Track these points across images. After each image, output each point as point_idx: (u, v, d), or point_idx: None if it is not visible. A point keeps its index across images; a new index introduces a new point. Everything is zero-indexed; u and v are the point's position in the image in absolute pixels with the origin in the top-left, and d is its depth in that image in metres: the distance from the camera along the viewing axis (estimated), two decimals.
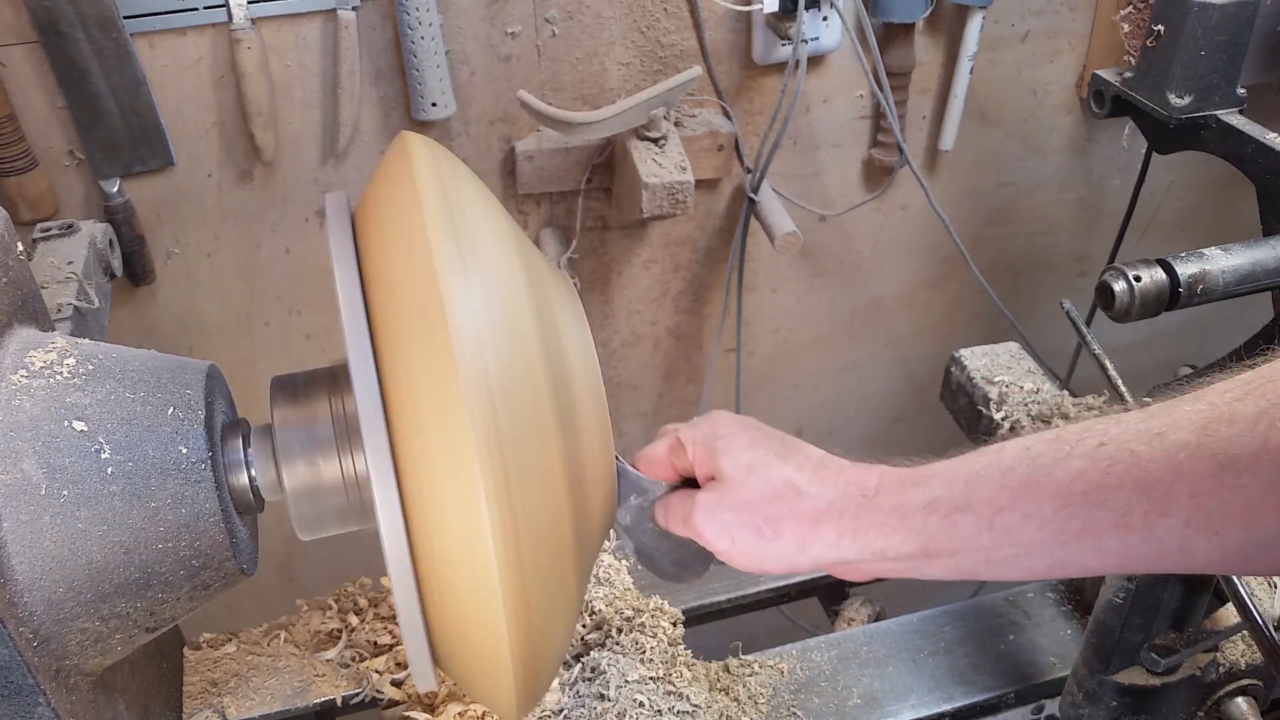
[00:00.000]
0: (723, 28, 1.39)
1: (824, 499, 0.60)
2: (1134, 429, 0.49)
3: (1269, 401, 0.45)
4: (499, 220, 0.63)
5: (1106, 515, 0.49)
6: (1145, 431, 0.49)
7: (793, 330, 1.71)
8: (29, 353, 0.63)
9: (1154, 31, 1.14)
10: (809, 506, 0.60)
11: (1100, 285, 1.00)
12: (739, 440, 0.64)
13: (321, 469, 0.64)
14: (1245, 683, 0.86)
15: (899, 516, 0.57)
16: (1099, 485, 0.49)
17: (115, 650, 0.65)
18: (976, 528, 0.54)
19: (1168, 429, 0.48)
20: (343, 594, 0.97)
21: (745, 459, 0.63)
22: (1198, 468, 0.46)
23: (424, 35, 1.23)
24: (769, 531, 0.60)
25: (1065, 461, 0.51)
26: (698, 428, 0.67)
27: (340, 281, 0.59)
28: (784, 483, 0.61)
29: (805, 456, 0.63)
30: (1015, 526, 0.52)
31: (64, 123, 1.22)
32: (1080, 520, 0.50)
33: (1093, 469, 0.50)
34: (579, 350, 0.65)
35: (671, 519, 0.68)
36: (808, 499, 0.60)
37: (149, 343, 1.21)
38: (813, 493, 0.60)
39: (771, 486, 0.61)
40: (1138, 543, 0.49)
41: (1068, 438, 0.52)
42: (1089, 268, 1.83)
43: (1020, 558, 0.53)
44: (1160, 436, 0.48)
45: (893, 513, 0.57)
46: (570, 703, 0.86)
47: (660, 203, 1.28)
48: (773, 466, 0.62)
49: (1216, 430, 0.46)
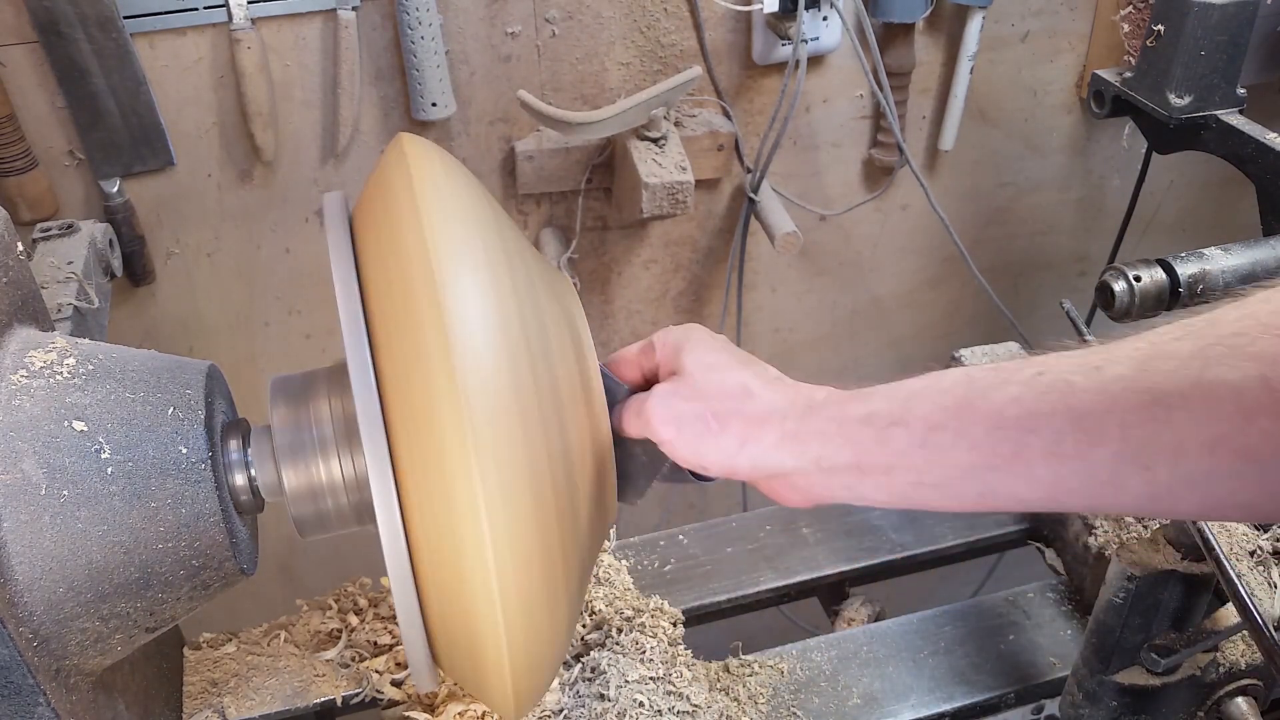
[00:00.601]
0: (723, 28, 1.39)
1: (772, 404, 0.60)
2: (1073, 361, 0.50)
3: (1205, 341, 0.45)
4: (498, 220, 0.63)
5: (1038, 441, 0.49)
6: (1084, 364, 0.49)
7: (793, 330, 1.71)
8: (29, 353, 0.63)
9: (1154, 31, 1.14)
10: (756, 408, 0.61)
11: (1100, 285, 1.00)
12: (705, 343, 0.65)
13: (321, 469, 0.64)
14: (1245, 683, 0.86)
15: (836, 424, 0.57)
16: (1033, 411, 0.50)
17: (115, 650, 0.65)
18: (909, 443, 0.54)
19: (1106, 363, 0.48)
20: (343, 594, 0.97)
21: (708, 359, 0.64)
22: (1131, 400, 0.46)
23: (424, 35, 1.23)
24: (715, 425, 0.61)
25: (1002, 387, 0.51)
26: (671, 332, 0.68)
27: (339, 282, 0.59)
28: (739, 384, 0.62)
29: (765, 369, 0.64)
30: (947, 445, 0.53)
31: (64, 123, 1.22)
32: (1012, 444, 0.50)
33: (1028, 395, 0.50)
34: (578, 351, 0.65)
35: (627, 414, 0.67)
36: (757, 401, 0.61)
37: (149, 343, 1.21)
38: (763, 397, 0.61)
39: (726, 386, 0.62)
40: (1068, 473, 0.49)
41: (1008, 367, 0.52)
42: (1089, 268, 1.83)
43: (950, 481, 0.54)
44: (1098, 370, 0.48)
45: (831, 420, 0.58)
46: (570, 703, 0.86)
47: (660, 203, 1.28)
48: (732, 369, 0.63)
49: (1152, 365, 0.46)
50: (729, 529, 1.10)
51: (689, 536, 1.09)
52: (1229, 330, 0.45)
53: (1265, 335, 0.44)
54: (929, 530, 1.09)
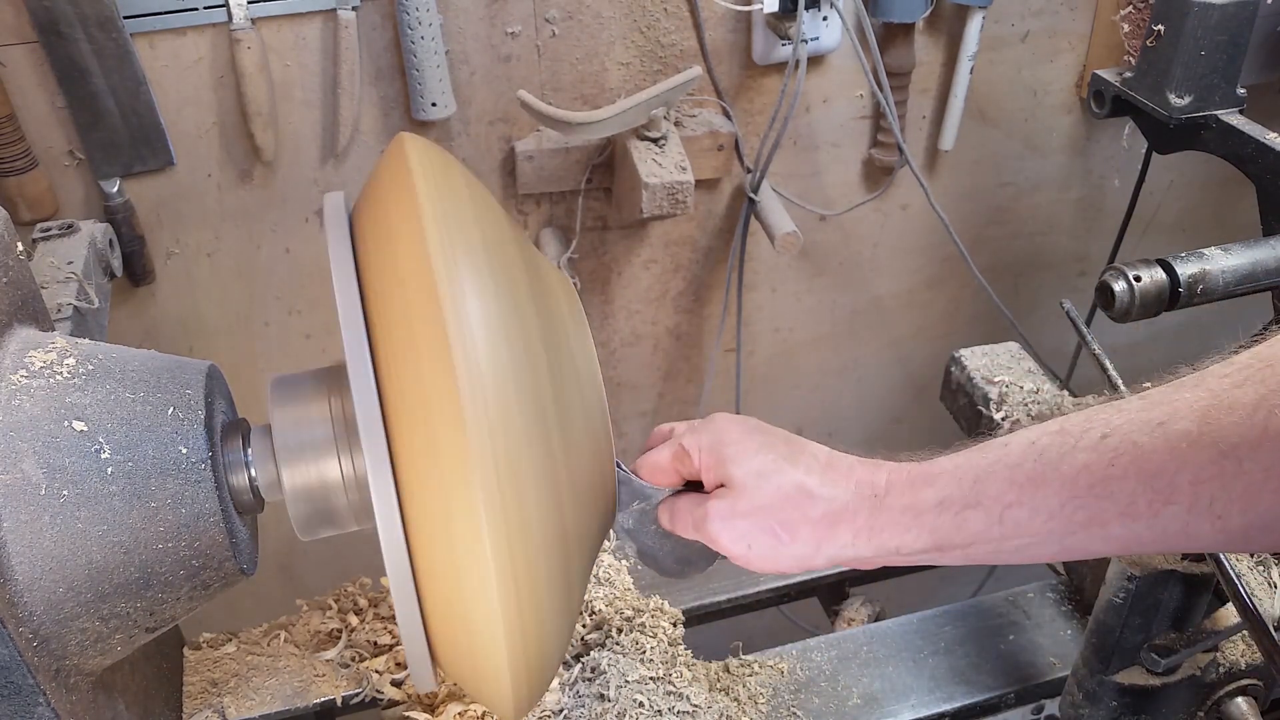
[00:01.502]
0: (723, 28, 1.39)
1: (837, 501, 0.61)
2: (1136, 419, 0.51)
3: (1268, 388, 0.46)
4: (497, 221, 0.63)
5: (1112, 505, 0.51)
6: (1147, 422, 0.50)
7: (793, 330, 1.71)
8: (29, 353, 0.63)
9: (1154, 31, 1.14)
10: (823, 510, 0.61)
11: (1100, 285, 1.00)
12: (746, 446, 0.65)
13: (321, 469, 0.64)
14: (1245, 683, 0.86)
15: (912, 516, 0.58)
16: (1104, 477, 0.51)
17: (115, 650, 0.65)
18: (987, 523, 0.56)
19: (1169, 418, 0.49)
20: (343, 594, 0.97)
21: (755, 465, 0.63)
22: (1199, 456, 0.47)
23: (424, 35, 1.23)
24: (785, 536, 0.62)
25: (1070, 455, 0.52)
26: (701, 434, 0.67)
27: (338, 282, 0.59)
28: (796, 487, 0.62)
29: (813, 457, 0.64)
30: (1024, 520, 0.54)
31: (64, 123, 1.22)
32: (1087, 511, 0.52)
33: (1097, 462, 0.51)
34: (578, 350, 0.65)
35: (680, 524, 0.68)
36: (821, 502, 0.61)
37: (149, 343, 1.21)
38: (825, 495, 0.61)
39: (783, 492, 0.62)
40: (1142, 529, 0.50)
41: (1072, 430, 0.53)
42: (1089, 268, 1.83)
43: (1029, 547, 0.55)
44: (1162, 426, 0.49)
45: (905, 512, 0.59)
46: (570, 703, 0.86)
47: (660, 203, 1.28)
48: (783, 471, 0.63)
49: (1216, 419, 0.47)
50: None
51: None
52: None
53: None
54: None
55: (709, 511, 0.65)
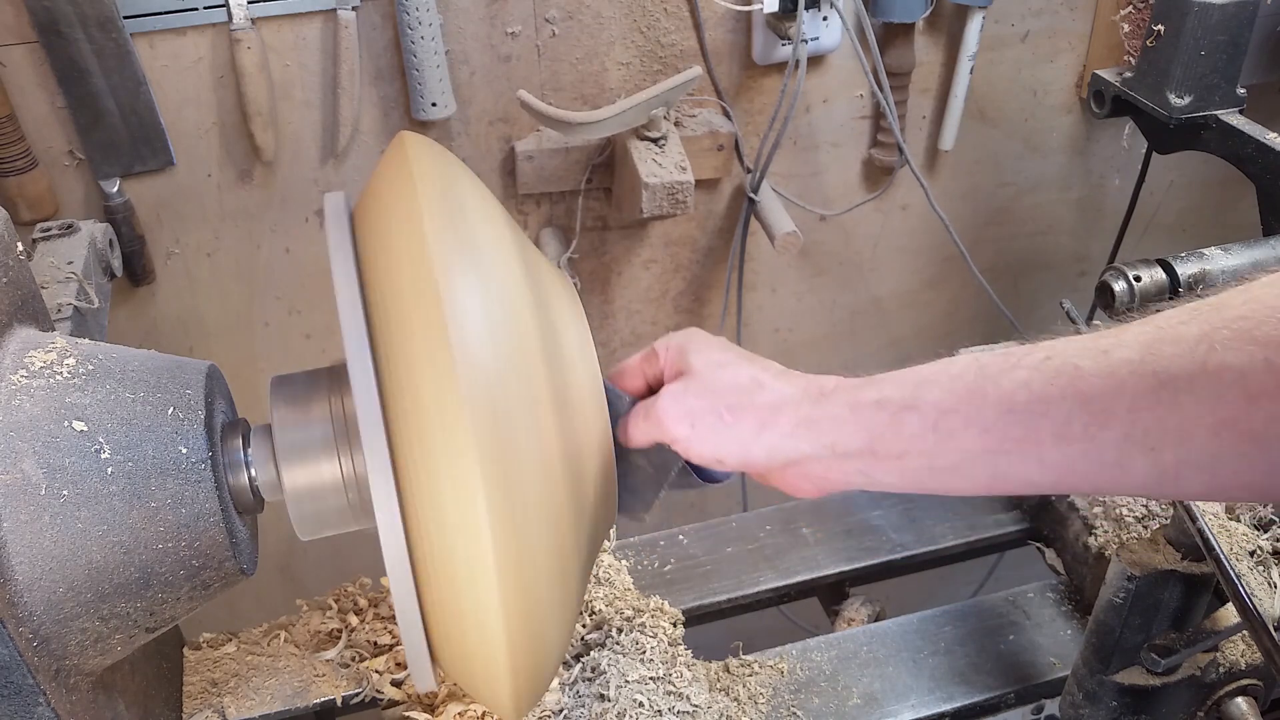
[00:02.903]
0: (723, 28, 1.39)
1: (784, 393, 0.62)
2: (1081, 345, 0.51)
3: (1211, 325, 0.46)
4: (498, 220, 0.63)
5: (1047, 424, 0.51)
6: (1091, 348, 0.50)
7: (793, 330, 1.71)
8: (29, 353, 0.63)
9: (1154, 31, 1.14)
10: (769, 398, 0.61)
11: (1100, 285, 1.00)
12: (710, 343, 0.66)
13: (321, 469, 0.64)
14: (1245, 683, 0.86)
15: (850, 410, 0.58)
16: (1042, 395, 0.51)
17: (115, 650, 0.65)
18: (921, 428, 0.55)
19: (1113, 347, 0.49)
20: (343, 594, 0.97)
21: (715, 357, 0.65)
22: (1138, 384, 0.47)
23: (424, 35, 1.23)
24: (729, 418, 0.62)
25: (1011, 372, 0.53)
26: (672, 337, 0.68)
27: (339, 282, 0.59)
28: (750, 378, 0.63)
29: (772, 364, 0.65)
30: (959, 430, 0.54)
31: (64, 123, 1.22)
32: (1022, 428, 0.51)
33: (1037, 379, 0.51)
34: (579, 350, 0.65)
35: (634, 420, 0.67)
36: (769, 391, 0.62)
37: (149, 343, 1.21)
38: (775, 387, 0.62)
39: (737, 380, 0.63)
40: (1077, 455, 0.50)
41: (1017, 351, 0.53)
42: (1089, 268, 1.83)
43: (962, 465, 0.55)
44: (1105, 353, 0.49)
45: (845, 406, 0.59)
46: (570, 703, 0.86)
47: (660, 203, 1.28)
48: (740, 365, 0.64)
49: (1159, 349, 0.47)
50: (729, 529, 1.10)
51: (689, 536, 1.09)
52: (1234, 314, 0.46)
53: (1271, 319, 0.44)
54: (929, 530, 1.10)
55: (662, 392, 0.65)
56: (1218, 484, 0.48)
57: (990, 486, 0.55)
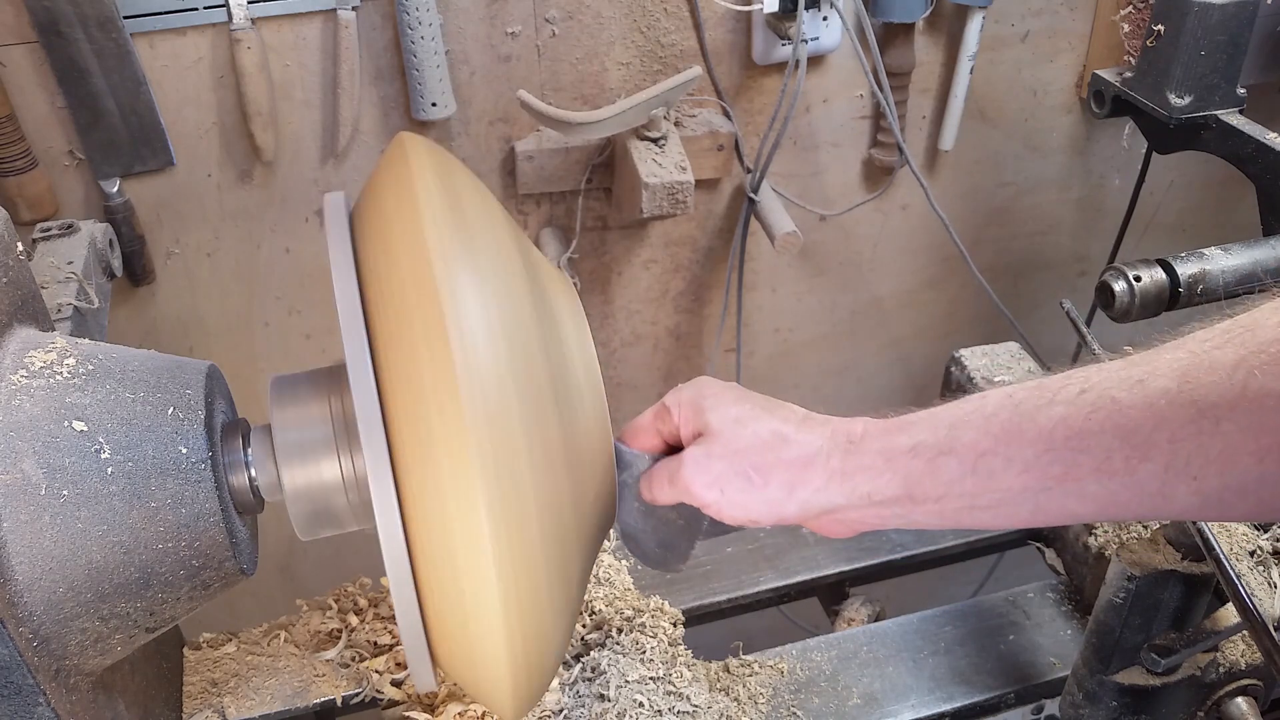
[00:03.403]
0: (723, 28, 1.39)
1: (811, 445, 0.60)
2: (1115, 376, 0.50)
3: (1247, 349, 0.46)
4: (498, 220, 0.63)
5: (1088, 460, 0.50)
6: (1127, 379, 0.49)
7: (793, 330, 1.71)
8: (29, 353, 0.63)
9: (1154, 31, 1.14)
10: (797, 453, 0.60)
11: (1100, 285, 1.00)
12: (725, 397, 0.65)
13: (321, 469, 0.64)
14: (1245, 683, 0.86)
15: (884, 459, 0.57)
16: (1081, 431, 0.50)
17: (115, 650, 0.65)
18: (960, 472, 0.54)
19: (1148, 376, 0.49)
20: (343, 594, 0.97)
21: (732, 413, 0.63)
22: (1177, 414, 0.47)
23: (424, 35, 1.23)
24: (758, 479, 0.61)
25: (1048, 408, 0.52)
26: (682, 391, 0.67)
27: (338, 282, 0.59)
28: (771, 433, 0.61)
29: (791, 411, 0.64)
30: (998, 470, 0.53)
31: (64, 123, 1.22)
32: (1062, 465, 0.51)
33: (1075, 415, 0.50)
34: (579, 350, 0.65)
35: (657, 482, 0.67)
36: (795, 446, 0.60)
37: (149, 343, 1.21)
38: (800, 440, 0.61)
39: (760, 437, 0.61)
40: (1118, 487, 0.49)
41: (1050, 385, 0.53)
42: (1089, 268, 1.83)
43: (1003, 504, 0.54)
44: (1141, 384, 0.49)
45: (878, 455, 0.58)
46: (570, 703, 0.86)
47: (660, 203, 1.28)
48: (760, 419, 0.62)
49: (1196, 377, 0.47)
50: None
51: None
52: (1270, 337, 0.45)
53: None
54: (929, 531, 1.09)
55: (684, 458, 0.64)
56: (1263, 507, 0.47)
57: (1031, 521, 0.55)
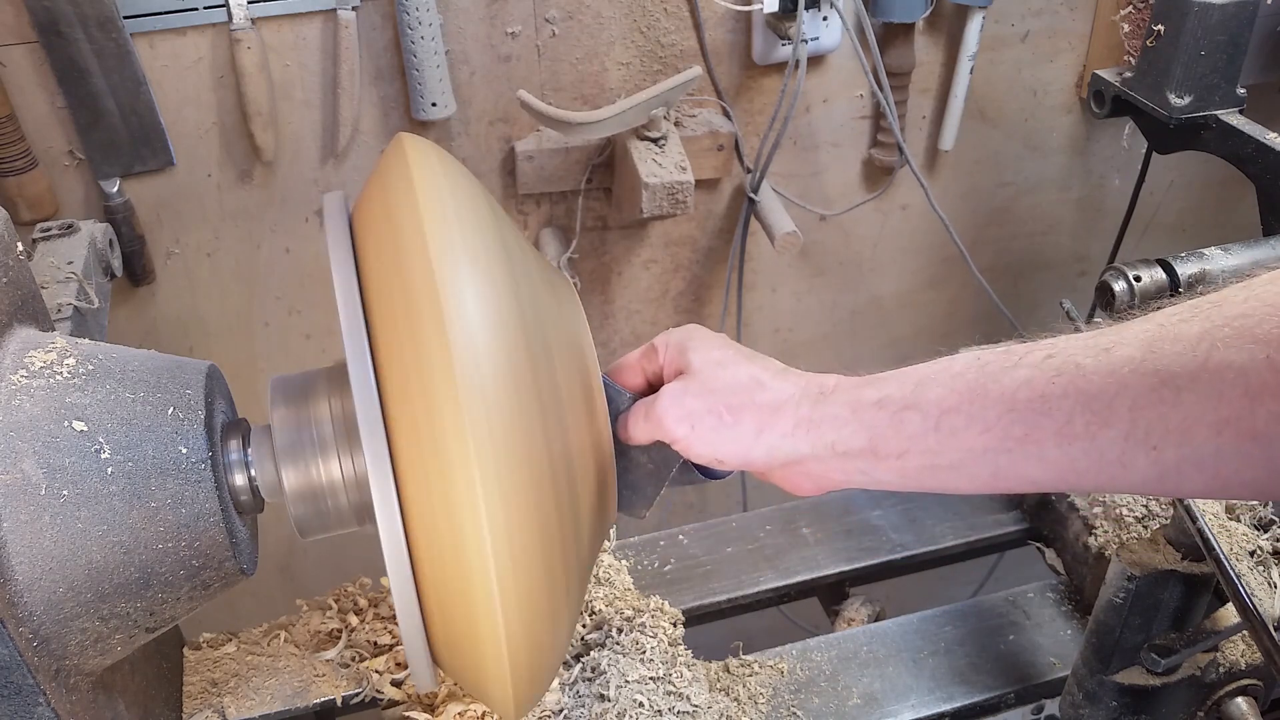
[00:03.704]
0: (723, 28, 1.39)
1: (784, 392, 0.62)
2: (1082, 344, 0.51)
3: (1212, 323, 0.46)
4: (497, 221, 0.63)
5: (1049, 423, 0.51)
6: (1092, 346, 0.50)
7: (793, 330, 1.71)
8: (29, 353, 0.63)
9: (1154, 31, 1.14)
10: (769, 398, 0.62)
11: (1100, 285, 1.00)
12: (710, 341, 0.66)
13: (321, 469, 0.64)
14: (1245, 683, 0.86)
15: (851, 410, 0.59)
16: (1043, 393, 0.51)
17: (115, 650, 0.65)
18: (923, 427, 0.55)
19: (1114, 345, 0.49)
20: (343, 594, 0.97)
21: (715, 355, 0.65)
22: (1140, 382, 0.48)
23: (424, 35, 1.23)
24: (729, 418, 0.62)
25: (1013, 370, 0.53)
26: (672, 334, 0.68)
27: (338, 282, 0.59)
28: (749, 377, 0.63)
29: (770, 361, 0.65)
30: (960, 428, 0.54)
31: (64, 123, 1.22)
32: (1024, 426, 0.52)
33: (1039, 377, 0.51)
34: (578, 350, 0.65)
35: (633, 418, 0.67)
36: (769, 391, 0.62)
37: (149, 343, 1.21)
38: (775, 387, 0.62)
39: (737, 379, 0.63)
40: (1078, 453, 0.50)
41: (1018, 350, 0.54)
42: (1089, 268, 1.83)
43: (964, 464, 0.55)
44: (1106, 351, 0.49)
45: (845, 406, 0.59)
46: (570, 703, 0.86)
47: (660, 203, 1.28)
48: (740, 364, 0.64)
49: (1160, 348, 0.47)
50: (729, 529, 1.10)
51: (689, 536, 1.09)
52: (1235, 312, 0.46)
53: (1272, 317, 0.44)
54: (929, 530, 1.10)
55: (662, 392, 0.65)
56: (1219, 482, 0.48)
57: (991, 485, 0.55)
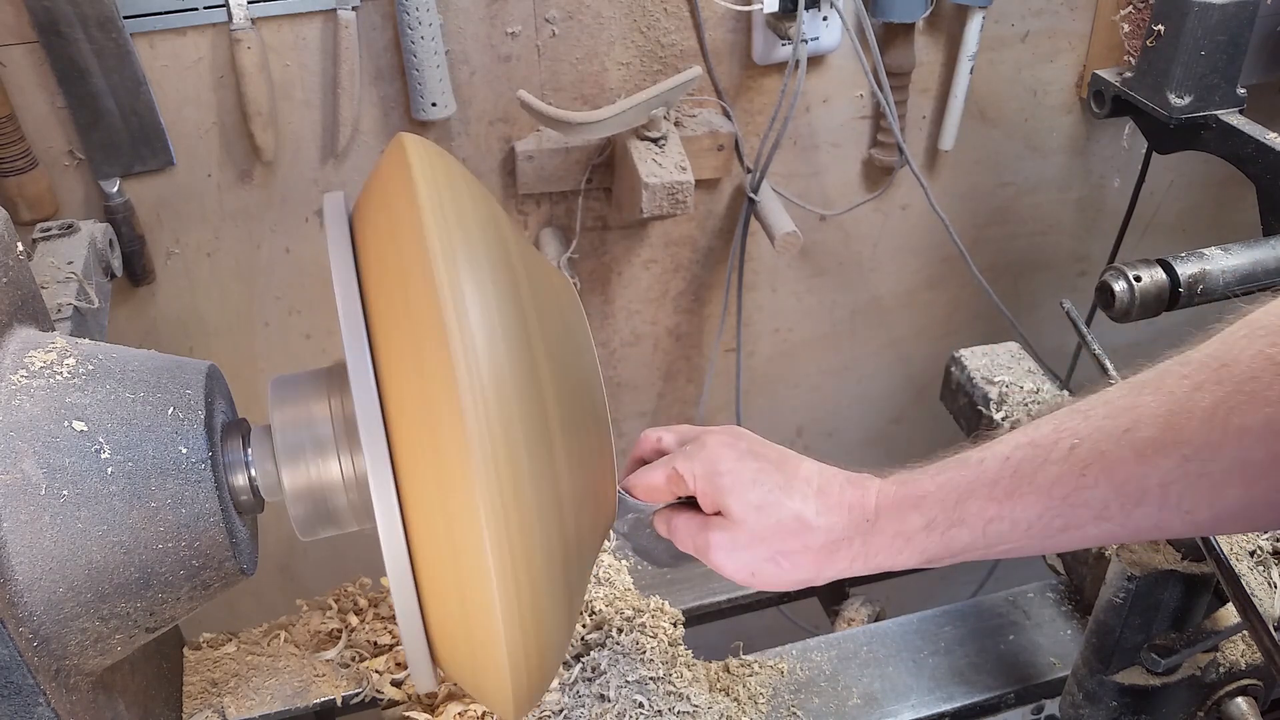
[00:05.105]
0: (723, 28, 1.39)
1: (834, 531, 0.66)
2: (1102, 428, 0.54)
3: (1224, 390, 0.49)
4: (497, 221, 0.63)
5: (1086, 512, 0.55)
6: (1113, 431, 0.54)
7: (793, 330, 1.71)
8: (29, 353, 0.63)
9: (1154, 31, 1.14)
10: (822, 540, 0.66)
11: (1100, 285, 1.00)
12: (741, 476, 0.68)
13: (321, 469, 0.64)
14: (1245, 683, 0.86)
15: (903, 540, 0.64)
16: (1077, 487, 0.55)
17: (115, 650, 0.65)
18: (971, 538, 0.61)
19: (1133, 425, 0.53)
20: (343, 594, 0.97)
21: (753, 498, 0.67)
22: (1165, 461, 0.51)
23: (424, 35, 1.23)
24: (786, 565, 0.66)
25: (1043, 468, 0.57)
26: (694, 460, 0.70)
27: (338, 282, 0.59)
28: (794, 518, 0.66)
29: (806, 483, 0.67)
30: (1005, 531, 0.59)
31: (64, 123, 1.22)
32: (1063, 519, 0.56)
33: (1069, 473, 0.55)
34: (578, 350, 0.65)
35: (681, 541, 0.72)
36: (819, 533, 0.66)
37: (149, 343, 1.21)
38: (822, 525, 0.66)
39: (783, 524, 0.66)
40: (1116, 528, 0.55)
41: (1042, 443, 0.57)
42: (1089, 268, 1.83)
43: (1014, 550, 0.60)
44: (1128, 433, 0.53)
45: (896, 537, 0.64)
46: (570, 703, 0.86)
47: (660, 203, 1.28)
48: (780, 504, 0.67)
49: (1178, 424, 0.50)
50: None
51: None
52: (1245, 374, 0.48)
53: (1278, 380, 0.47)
54: None
55: (711, 542, 0.69)
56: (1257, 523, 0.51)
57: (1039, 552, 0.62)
